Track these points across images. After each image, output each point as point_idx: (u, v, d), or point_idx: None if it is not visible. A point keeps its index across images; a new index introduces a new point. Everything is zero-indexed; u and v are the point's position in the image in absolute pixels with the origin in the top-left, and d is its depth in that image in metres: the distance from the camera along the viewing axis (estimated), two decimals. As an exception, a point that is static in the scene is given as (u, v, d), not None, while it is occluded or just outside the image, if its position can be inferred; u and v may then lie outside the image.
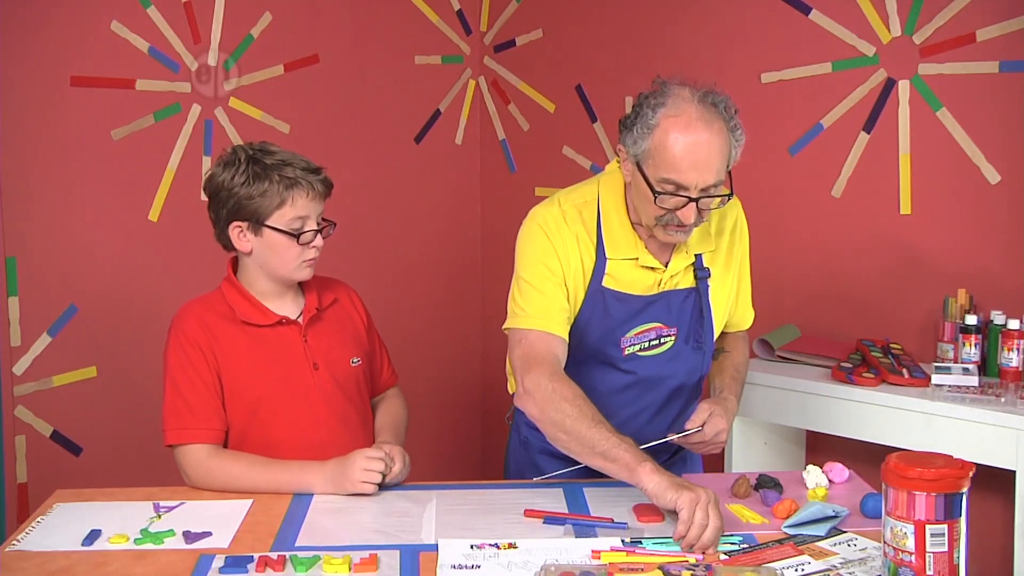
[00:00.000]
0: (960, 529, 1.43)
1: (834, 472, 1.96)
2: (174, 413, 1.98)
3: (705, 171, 1.79)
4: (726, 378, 2.09)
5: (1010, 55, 2.69)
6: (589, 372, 1.99)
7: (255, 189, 1.96)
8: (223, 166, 2.01)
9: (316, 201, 2.00)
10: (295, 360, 2.04)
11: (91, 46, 2.94)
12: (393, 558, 1.63)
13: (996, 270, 2.75)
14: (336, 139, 3.53)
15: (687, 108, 1.79)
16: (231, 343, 2.01)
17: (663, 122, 1.79)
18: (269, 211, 1.97)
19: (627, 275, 1.95)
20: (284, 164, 1.98)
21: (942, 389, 2.53)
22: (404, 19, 3.68)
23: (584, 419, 1.80)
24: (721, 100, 1.82)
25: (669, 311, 1.99)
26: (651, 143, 1.80)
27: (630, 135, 1.84)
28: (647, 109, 1.82)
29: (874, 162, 2.95)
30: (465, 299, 3.98)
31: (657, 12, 3.37)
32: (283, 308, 2.06)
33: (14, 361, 2.85)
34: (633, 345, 1.98)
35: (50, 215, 2.89)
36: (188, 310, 2.04)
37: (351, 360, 2.11)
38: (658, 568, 1.52)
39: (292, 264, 2.01)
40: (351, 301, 2.20)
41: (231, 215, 1.99)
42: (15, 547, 1.68)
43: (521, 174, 3.84)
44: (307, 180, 1.98)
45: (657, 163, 1.80)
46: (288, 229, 1.98)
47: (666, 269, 1.97)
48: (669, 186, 1.80)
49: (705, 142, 1.78)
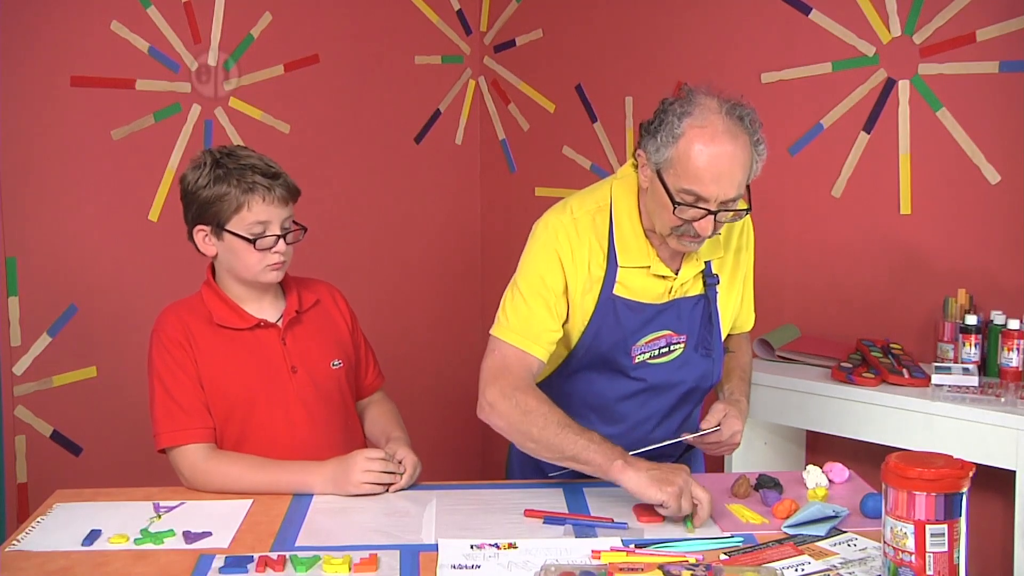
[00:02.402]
0: (960, 529, 1.43)
1: (834, 472, 1.96)
2: (166, 415, 1.96)
3: (727, 185, 1.77)
4: (734, 380, 2.09)
5: (1010, 55, 2.69)
6: (598, 379, 1.99)
7: (215, 192, 1.94)
8: (192, 168, 2.00)
9: (276, 206, 1.96)
10: (273, 363, 2.02)
11: (91, 46, 2.94)
12: (393, 558, 1.63)
13: (996, 270, 2.75)
14: (336, 139, 3.53)
15: (714, 120, 1.77)
16: (210, 346, 2.00)
17: (688, 132, 1.76)
18: (228, 215, 1.95)
19: (638, 283, 1.94)
20: (245, 168, 1.95)
21: (942, 389, 2.53)
22: (404, 19, 3.68)
23: (550, 426, 1.81)
24: (747, 113, 1.80)
25: (679, 319, 1.98)
26: (674, 152, 1.77)
27: (653, 142, 1.81)
28: (673, 117, 1.78)
29: (874, 162, 2.95)
30: (465, 299, 3.98)
31: (657, 12, 3.37)
32: (262, 311, 2.05)
33: (14, 361, 2.85)
34: (643, 353, 1.97)
35: (50, 215, 2.90)
36: (168, 312, 2.03)
37: (332, 363, 2.09)
38: (658, 568, 1.52)
39: (255, 268, 1.98)
40: (334, 302, 2.17)
41: (196, 218, 1.99)
42: (15, 547, 1.68)
43: (521, 174, 3.84)
44: (264, 184, 1.95)
45: (679, 173, 1.78)
46: (247, 234, 1.95)
47: (677, 277, 1.95)
48: (689, 197, 1.78)
49: (729, 155, 1.76)
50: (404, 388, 2.28)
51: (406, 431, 2.15)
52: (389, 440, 2.07)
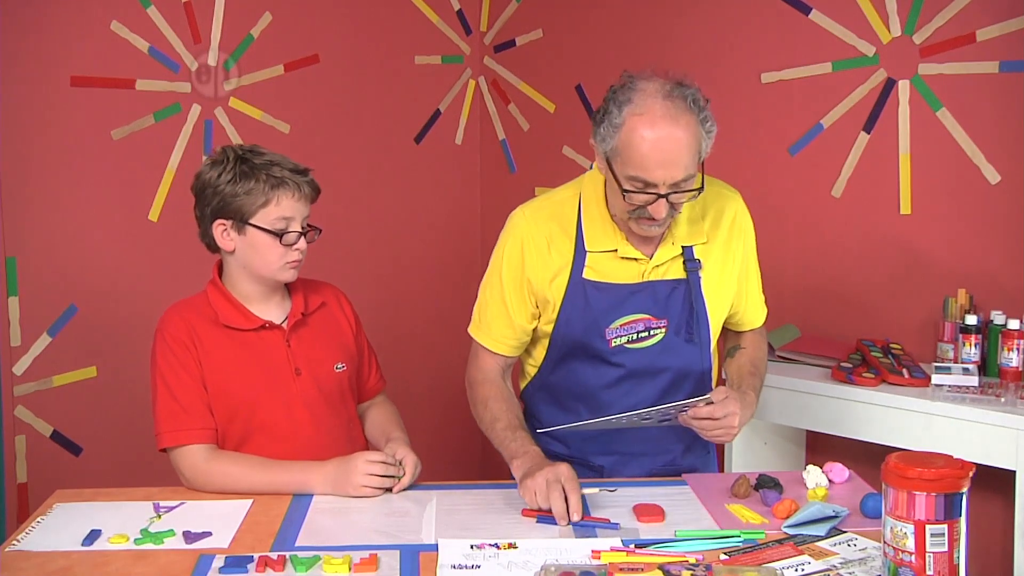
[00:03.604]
0: (960, 529, 1.43)
1: (834, 472, 1.96)
2: (168, 415, 1.97)
3: (672, 167, 1.77)
4: (744, 373, 2.07)
5: (1010, 55, 2.69)
6: (580, 367, 2.00)
7: (241, 187, 1.96)
8: (211, 164, 2.01)
9: (302, 203, 2.00)
10: (277, 365, 2.03)
11: (91, 46, 2.94)
12: (393, 558, 1.63)
13: (996, 270, 2.75)
14: (336, 139, 3.53)
15: (652, 104, 1.77)
16: (214, 346, 2.00)
17: (628, 120, 1.78)
18: (254, 209, 1.96)
19: (608, 267, 1.96)
20: (272, 164, 1.98)
21: (942, 389, 2.53)
22: (404, 19, 3.68)
23: (485, 419, 2.03)
24: (689, 93, 1.80)
25: (656, 302, 1.97)
26: (618, 141, 1.79)
27: (598, 132, 1.83)
28: (613, 107, 1.81)
29: (874, 162, 2.95)
30: (465, 299, 3.94)
31: (657, 12, 3.37)
32: (268, 312, 2.05)
33: (14, 361, 2.85)
34: (620, 337, 1.97)
35: (50, 215, 2.90)
36: (173, 312, 2.04)
37: (335, 366, 2.10)
38: (658, 568, 1.52)
39: (275, 265, 1.99)
40: (339, 305, 2.18)
41: (215, 213, 1.99)
42: (15, 547, 1.68)
43: (521, 174, 3.84)
44: (294, 180, 1.97)
45: (625, 160, 1.80)
46: (272, 228, 1.97)
47: (650, 260, 1.96)
48: (638, 183, 1.80)
49: (672, 138, 1.76)
50: (403, 388, 2.28)
51: (406, 432, 2.15)
52: (389, 440, 2.07)
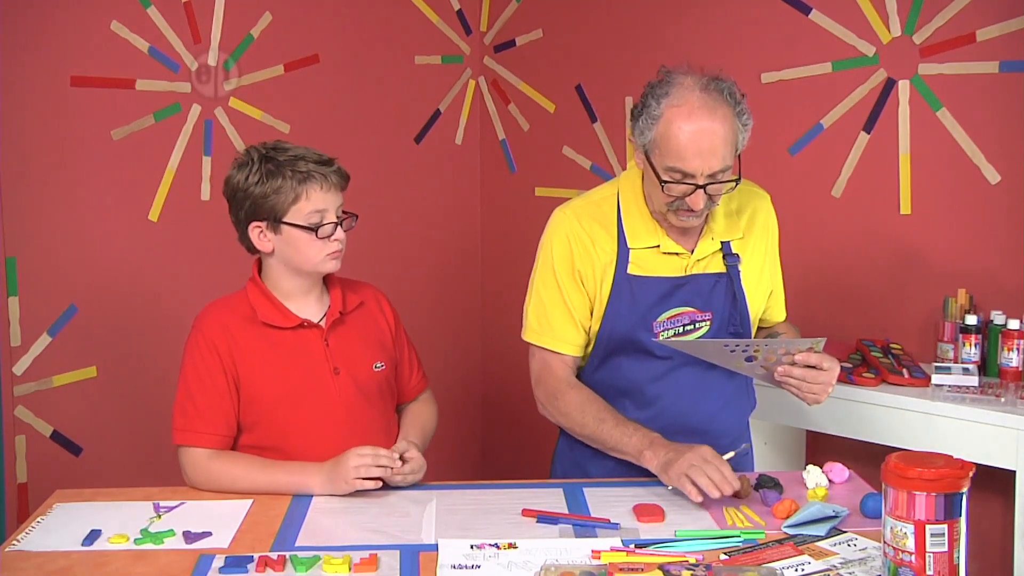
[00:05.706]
0: (960, 529, 1.43)
1: (834, 472, 1.96)
2: (182, 412, 1.98)
3: (710, 158, 1.82)
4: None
5: (1010, 55, 2.69)
6: (625, 363, 2.02)
7: (269, 187, 1.95)
8: (237, 168, 2.00)
9: (332, 193, 1.99)
10: (315, 364, 2.02)
11: (91, 46, 2.94)
12: (393, 558, 1.63)
13: (996, 270, 2.75)
14: (336, 139, 3.52)
15: (689, 97, 1.83)
16: (251, 344, 1.99)
17: (667, 112, 1.84)
18: (285, 207, 1.95)
19: (651, 262, 1.99)
20: (296, 159, 1.96)
21: (942, 389, 2.53)
22: (404, 19, 3.68)
23: (588, 424, 1.97)
24: (726, 86, 1.86)
25: (699, 295, 2.00)
26: (656, 133, 1.85)
27: (637, 126, 1.89)
28: (651, 100, 1.86)
29: (874, 162, 2.95)
30: (465, 299, 3.98)
31: (657, 12, 3.37)
32: (306, 310, 2.04)
33: (14, 361, 2.85)
34: (667, 330, 1.99)
35: (50, 215, 2.89)
36: (210, 311, 2.03)
37: (374, 365, 2.08)
38: (658, 568, 1.52)
39: (315, 259, 1.98)
40: (378, 304, 2.17)
41: (249, 216, 1.98)
42: (15, 547, 1.68)
43: (521, 174, 3.83)
44: (320, 172, 1.96)
45: (663, 152, 1.85)
46: (306, 224, 1.96)
47: (692, 254, 1.99)
48: (676, 174, 1.85)
49: (709, 130, 1.82)
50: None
51: (426, 433, 2.14)
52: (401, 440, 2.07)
